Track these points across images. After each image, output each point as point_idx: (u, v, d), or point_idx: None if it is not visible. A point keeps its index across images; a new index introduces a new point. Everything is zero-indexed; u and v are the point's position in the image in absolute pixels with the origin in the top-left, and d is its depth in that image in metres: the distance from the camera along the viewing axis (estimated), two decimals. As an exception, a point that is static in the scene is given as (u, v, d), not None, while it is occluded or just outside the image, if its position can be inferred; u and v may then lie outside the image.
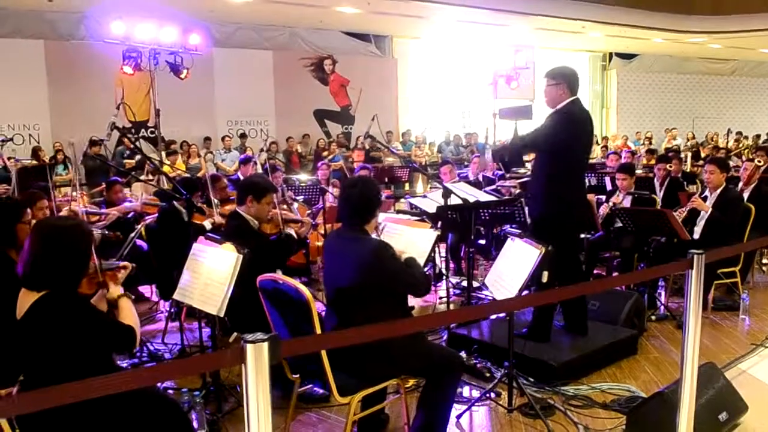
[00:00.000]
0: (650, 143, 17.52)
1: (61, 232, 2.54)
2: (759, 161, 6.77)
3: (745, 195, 6.09)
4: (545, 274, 3.35)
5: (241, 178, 7.51)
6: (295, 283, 2.90)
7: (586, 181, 7.86)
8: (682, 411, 2.81)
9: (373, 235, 3.24)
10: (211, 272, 3.34)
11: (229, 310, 3.22)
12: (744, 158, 11.92)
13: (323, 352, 2.78)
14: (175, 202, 4.81)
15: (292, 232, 4.48)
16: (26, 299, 2.42)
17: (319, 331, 2.80)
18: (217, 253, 3.35)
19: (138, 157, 10.87)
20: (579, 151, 4.30)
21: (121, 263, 3.23)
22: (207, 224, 4.67)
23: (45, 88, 12.83)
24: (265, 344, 1.65)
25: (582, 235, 6.13)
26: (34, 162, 11.28)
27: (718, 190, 5.61)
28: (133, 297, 2.89)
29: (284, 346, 1.72)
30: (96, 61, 12.06)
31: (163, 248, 4.97)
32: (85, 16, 12.61)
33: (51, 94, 12.90)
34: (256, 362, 1.65)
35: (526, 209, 5.16)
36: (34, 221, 3.96)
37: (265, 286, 3.10)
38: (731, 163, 9.78)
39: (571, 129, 4.15)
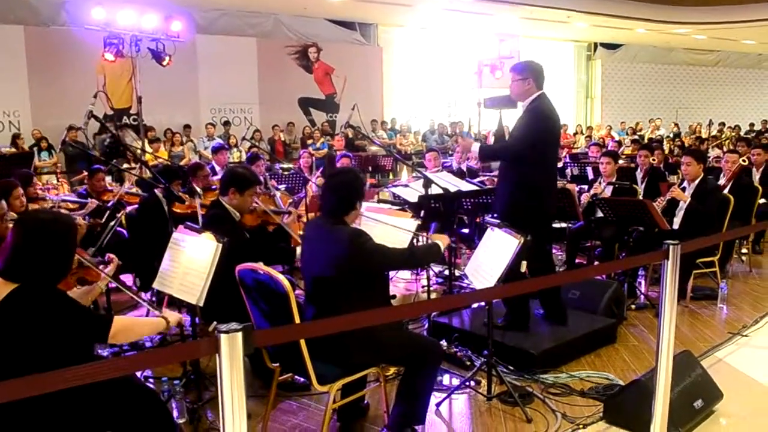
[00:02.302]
0: (634, 133, 17.62)
1: (45, 226, 2.50)
2: (744, 160, 6.79)
3: (726, 186, 6.15)
4: (524, 263, 3.37)
5: (216, 167, 7.43)
6: (274, 272, 2.89)
7: (569, 171, 7.91)
8: (658, 398, 2.86)
9: (354, 225, 3.24)
10: (190, 261, 3.32)
11: (207, 299, 3.21)
12: (725, 149, 12.02)
13: (302, 342, 2.79)
14: (156, 191, 4.77)
15: (295, 237, 4.40)
16: (1, 290, 2.40)
17: (297, 320, 2.80)
18: (197, 242, 3.33)
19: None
20: (549, 144, 4.32)
21: (107, 257, 3.20)
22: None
23: (25, 74, 12.64)
24: (239, 334, 1.65)
25: (562, 225, 6.16)
26: (13, 149, 11.17)
27: (696, 181, 5.65)
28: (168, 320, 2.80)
29: (258, 336, 1.72)
30: (77, 48, 11.94)
31: (143, 238, 4.93)
32: (66, 1, 12.44)
33: (31, 80, 12.71)
34: (230, 352, 1.66)
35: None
36: (10, 212, 3.93)
37: (243, 276, 3.09)
38: (713, 154, 9.88)
39: (543, 125, 4.19)
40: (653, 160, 7.40)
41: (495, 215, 4.48)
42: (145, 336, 2.75)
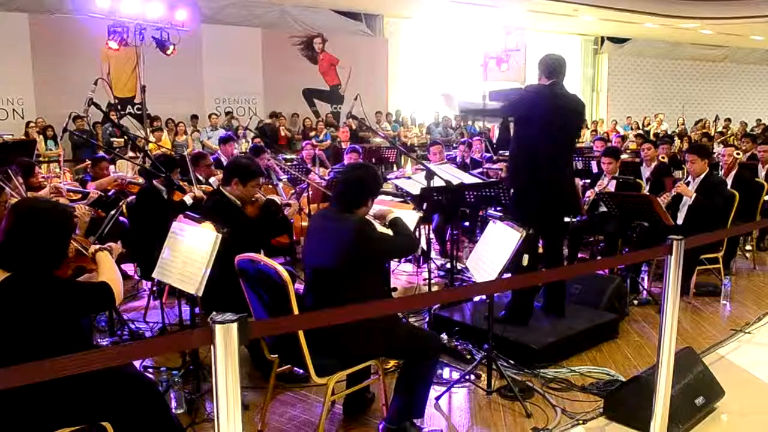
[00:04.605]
0: (639, 128, 17.53)
1: (39, 214, 2.48)
2: (738, 153, 6.75)
3: (727, 181, 6.11)
4: (525, 257, 3.34)
5: (222, 157, 7.40)
6: (274, 263, 2.87)
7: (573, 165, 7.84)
8: (659, 395, 2.83)
9: None
10: (190, 251, 3.30)
11: (208, 289, 3.19)
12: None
13: (300, 333, 2.77)
14: (154, 181, 4.75)
15: (275, 198, 4.44)
16: (-5, 278, 2.38)
17: (296, 312, 2.78)
18: (196, 232, 3.31)
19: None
20: (542, 130, 4.18)
21: (107, 245, 3.18)
22: (187, 199, 4.63)
23: (29, 61, 12.63)
24: (234, 325, 1.63)
25: (566, 219, 6.13)
26: (23, 138, 11.14)
27: (701, 177, 5.61)
28: (110, 249, 2.91)
29: (254, 327, 1.70)
30: (81, 36, 11.94)
31: (142, 227, 4.92)
32: (71, -12, 12.42)
33: (35, 68, 12.70)
34: (225, 343, 1.63)
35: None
36: (14, 199, 3.91)
37: (243, 267, 3.07)
38: (718, 150, 9.81)
39: (527, 102, 4.23)
40: (663, 158, 7.31)
41: (498, 208, 4.46)
42: (118, 272, 2.81)
